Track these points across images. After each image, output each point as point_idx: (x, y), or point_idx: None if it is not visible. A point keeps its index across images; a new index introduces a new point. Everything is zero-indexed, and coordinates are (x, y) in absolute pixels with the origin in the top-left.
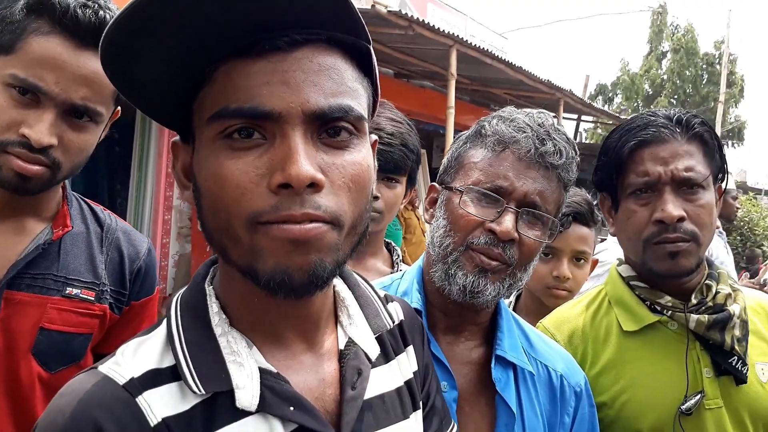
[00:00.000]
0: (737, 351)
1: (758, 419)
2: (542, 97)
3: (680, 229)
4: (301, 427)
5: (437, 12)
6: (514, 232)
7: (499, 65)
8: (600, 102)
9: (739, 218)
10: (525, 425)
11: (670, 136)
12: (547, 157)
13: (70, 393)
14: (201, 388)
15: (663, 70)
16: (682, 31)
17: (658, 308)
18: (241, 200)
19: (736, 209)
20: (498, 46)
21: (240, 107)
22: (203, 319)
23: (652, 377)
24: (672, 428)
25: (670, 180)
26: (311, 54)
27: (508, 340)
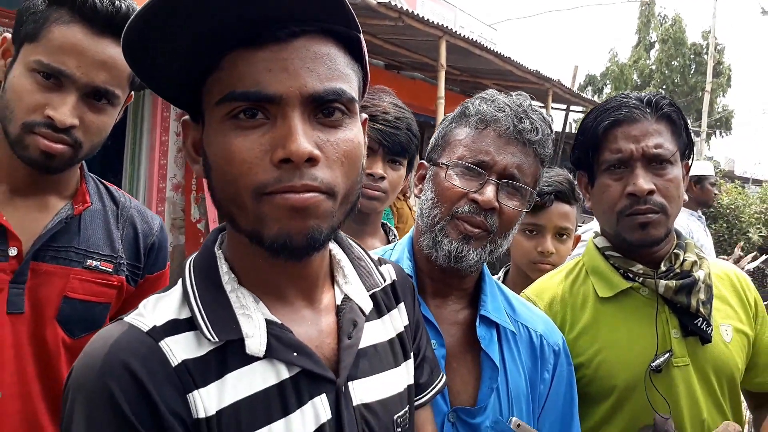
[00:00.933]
0: (702, 313)
1: (722, 375)
2: (531, 87)
3: (650, 202)
4: (303, 370)
5: (427, 3)
6: (494, 202)
7: (488, 56)
8: (589, 92)
9: (725, 206)
10: (508, 379)
11: (640, 115)
12: (524, 134)
13: (101, 340)
14: (215, 336)
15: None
16: (669, 22)
17: (631, 275)
18: (248, 173)
19: (715, 195)
20: (487, 37)
21: (246, 91)
22: (214, 278)
23: (625, 338)
24: (644, 384)
25: (641, 156)
26: (307, 43)
27: (492, 302)
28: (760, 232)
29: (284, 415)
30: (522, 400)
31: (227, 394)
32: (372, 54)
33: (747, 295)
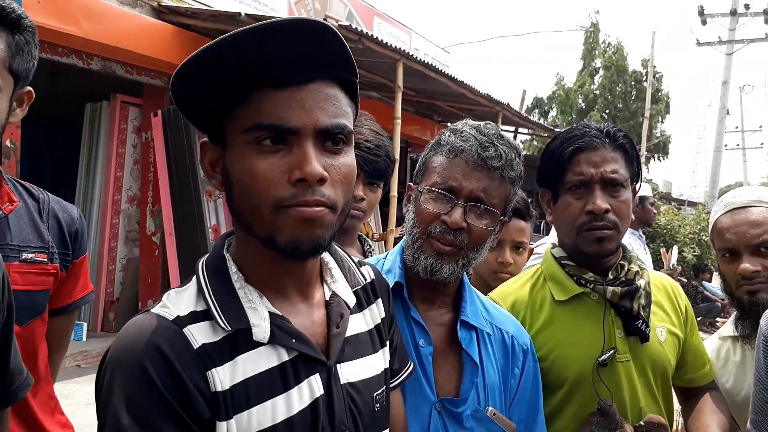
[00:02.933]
0: (642, 315)
1: (657, 370)
2: (482, 109)
3: (606, 219)
4: (300, 354)
5: (383, 25)
6: (461, 222)
7: (442, 79)
8: (536, 115)
9: (662, 226)
10: (484, 374)
11: (600, 144)
12: (488, 161)
13: (135, 327)
14: (227, 325)
15: (595, 85)
16: (612, 50)
17: (583, 282)
18: (269, 190)
19: (654, 214)
20: (441, 59)
21: (271, 123)
22: (224, 276)
23: (577, 337)
24: (591, 376)
25: (599, 179)
26: (320, 87)
27: (470, 307)
28: (693, 252)
29: (285, 390)
30: (496, 392)
31: (238, 372)
32: None
33: (679, 302)
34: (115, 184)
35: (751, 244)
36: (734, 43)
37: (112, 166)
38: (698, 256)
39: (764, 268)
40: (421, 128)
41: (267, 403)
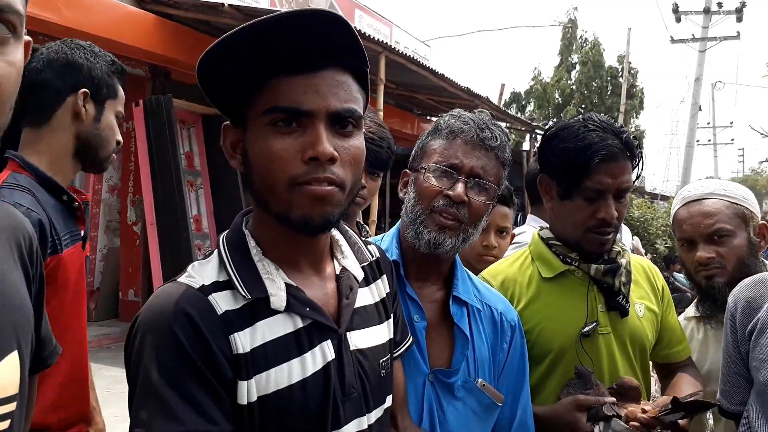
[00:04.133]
0: (623, 291)
1: (635, 343)
2: (462, 103)
3: (612, 224)
4: (314, 322)
5: (365, 18)
6: (464, 196)
7: (424, 72)
8: (514, 109)
9: (635, 218)
10: (474, 348)
11: (619, 155)
12: (486, 141)
13: (164, 294)
14: (248, 294)
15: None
16: (589, 45)
17: (569, 260)
18: (284, 168)
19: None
20: (421, 53)
21: (287, 106)
22: (244, 250)
23: (562, 311)
24: (574, 347)
25: (615, 190)
26: (332, 73)
27: (462, 285)
28: (666, 244)
29: (299, 354)
30: (485, 365)
31: (257, 337)
32: None
33: (656, 282)
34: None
35: (705, 233)
36: (707, 40)
37: None
38: (670, 248)
39: (718, 254)
40: (402, 121)
41: (284, 365)
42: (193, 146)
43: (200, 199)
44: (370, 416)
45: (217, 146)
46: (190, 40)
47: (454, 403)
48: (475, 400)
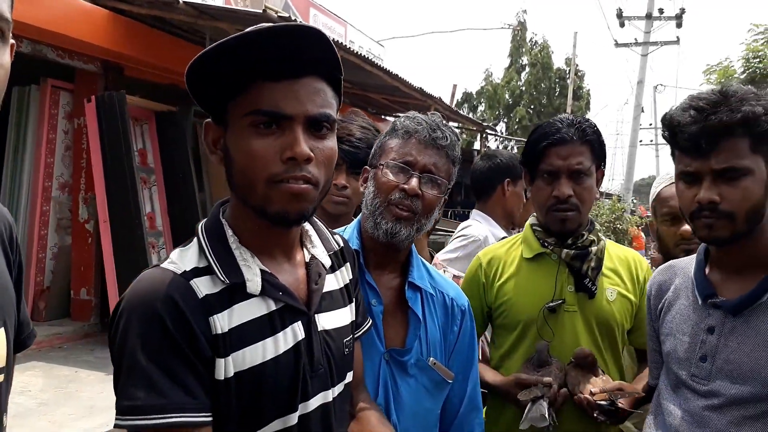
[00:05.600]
0: (590, 275)
1: (601, 323)
2: (415, 103)
3: (569, 203)
4: (286, 305)
5: (319, 17)
6: (418, 189)
7: (378, 72)
8: (466, 109)
9: None
10: (427, 330)
11: (569, 139)
12: (438, 141)
13: (149, 278)
14: (226, 279)
15: (522, 82)
16: (539, 48)
17: (546, 244)
18: (264, 167)
19: None
20: (375, 52)
21: (268, 110)
22: (222, 239)
23: (533, 287)
24: (539, 319)
25: (566, 170)
26: (310, 81)
27: (417, 272)
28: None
29: (272, 334)
30: (437, 345)
31: (234, 318)
32: None
33: (638, 273)
34: (45, 170)
35: None
36: (649, 45)
37: (42, 153)
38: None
39: None
40: None
41: (258, 344)
42: (147, 143)
43: (154, 197)
44: (333, 390)
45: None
46: (144, 36)
47: (407, 379)
48: (427, 377)
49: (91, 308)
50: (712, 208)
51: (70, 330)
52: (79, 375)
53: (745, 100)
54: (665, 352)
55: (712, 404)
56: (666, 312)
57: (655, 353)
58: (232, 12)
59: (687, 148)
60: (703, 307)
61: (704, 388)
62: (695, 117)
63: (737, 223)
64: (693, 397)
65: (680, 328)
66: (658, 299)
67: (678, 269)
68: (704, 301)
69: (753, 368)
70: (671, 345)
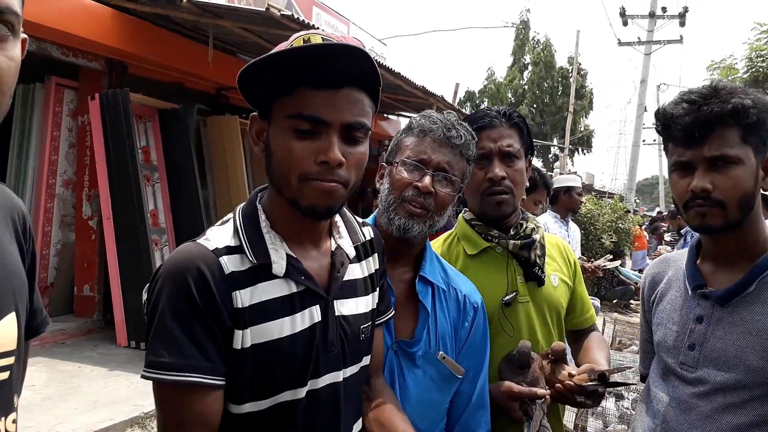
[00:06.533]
0: (538, 263)
1: (552, 309)
2: (418, 101)
3: (503, 185)
4: (306, 288)
5: (322, 15)
6: (430, 187)
7: (380, 71)
8: (468, 108)
9: (583, 215)
10: (437, 323)
11: (498, 123)
12: (452, 140)
13: (185, 250)
14: (254, 259)
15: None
16: (541, 46)
17: (489, 238)
18: (299, 165)
19: (580, 203)
20: (378, 51)
21: (310, 115)
22: (256, 223)
23: (485, 283)
24: (497, 315)
25: (497, 152)
26: (350, 91)
27: (429, 266)
28: (611, 238)
29: (291, 313)
30: (447, 340)
31: (257, 295)
32: None
33: (569, 257)
34: (49, 167)
35: None
36: (652, 43)
37: (46, 150)
38: (615, 242)
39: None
40: None
41: (277, 321)
42: (150, 140)
43: (157, 194)
44: (345, 371)
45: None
46: (148, 35)
47: (415, 370)
48: (435, 369)
49: (94, 304)
50: (705, 196)
51: (74, 326)
52: (82, 370)
53: (735, 93)
54: (656, 341)
55: (698, 391)
56: (658, 303)
57: (647, 343)
58: (235, 10)
59: (680, 139)
60: (693, 297)
61: (691, 375)
62: (688, 109)
63: (729, 212)
64: (681, 384)
65: (671, 317)
66: (651, 291)
67: (671, 262)
68: (693, 292)
69: (737, 356)
70: (661, 334)
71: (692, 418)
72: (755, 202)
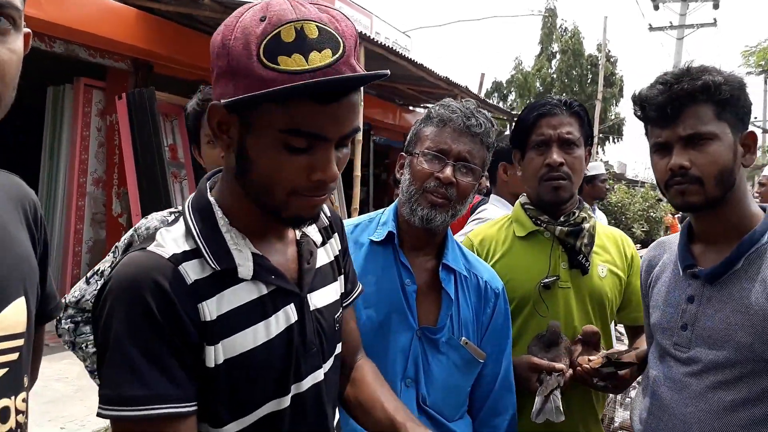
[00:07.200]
0: (583, 251)
1: (594, 299)
2: (441, 92)
3: (561, 171)
4: (278, 288)
5: (345, 9)
6: (452, 178)
7: (403, 63)
8: (496, 98)
9: (614, 204)
10: (459, 310)
11: (558, 111)
12: (472, 128)
13: (134, 263)
14: (216, 265)
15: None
16: (569, 34)
17: (539, 222)
18: (289, 182)
19: (606, 190)
20: (401, 43)
21: (309, 131)
22: (211, 220)
23: (528, 265)
24: (534, 297)
25: (557, 139)
26: (351, 97)
27: (451, 254)
28: (642, 228)
29: (263, 319)
30: (469, 326)
31: (224, 304)
32: None
33: (626, 250)
34: (80, 167)
35: None
36: (684, 28)
37: (76, 149)
38: (646, 231)
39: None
40: (383, 111)
41: (249, 329)
42: (177, 138)
43: (185, 191)
44: (325, 366)
45: None
46: (172, 34)
47: (439, 356)
48: (458, 355)
49: None
50: (683, 173)
51: None
52: None
53: (707, 71)
54: (652, 323)
55: (691, 370)
56: (653, 285)
57: (648, 327)
58: None
59: (656, 120)
60: (684, 278)
61: (684, 355)
62: (661, 89)
63: (707, 188)
64: (675, 364)
65: (665, 299)
66: (647, 274)
67: (667, 245)
68: (684, 272)
69: (727, 333)
70: (657, 316)
71: (685, 396)
72: (735, 178)
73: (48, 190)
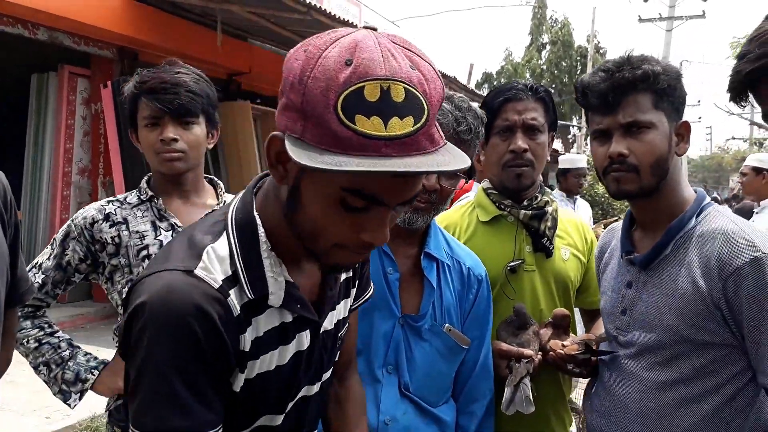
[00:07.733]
0: (547, 235)
1: (558, 281)
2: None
3: (524, 158)
4: (300, 316)
5: None
6: (436, 185)
7: None
8: (486, 89)
9: (601, 194)
10: (442, 297)
11: (524, 96)
12: (461, 135)
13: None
14: (252, 295)
15: (543, 60)
16: (559, 25)
17: (502, 206)
18: (337, 236)
19: (579, 185)
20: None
21: (373, 196)
22: (253, 241)
23: (493, 249)
24: (501, 280)
25: (521, 125)
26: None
27: (434, 242)
28: None
29: (283, 344)
30: (452, 312)
31: (255, 331)
32: (281, 44)
33: (587, 235)
34: (65, 156)
35: None
36: (673, 19)
37: (61, 138)
38: None
39: None
40: None
41: (267, 354)
42: None
43: None
44: (321, 381)
45: None
46: (157, 22)
47: (422, 343)
48: (441, 341)
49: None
50: (621, 161)
51: (92, 311)
52: (101, 353)
53: (646, 60)
54: (600, 308)
55: (629, 353)
56: (603, 272)
57: None
58: None
59: (597, 107)
60: (624, 264)
61: (624, 339)
62: (603, 77)
63: (642, 177)
64: (617, 348)
65: (610, 285)
66: (599, 261)
67: (617, 231)
68: (623, 258)
69: (657, 317)
70: (603, 302)
71: (623, 376)
72: (669, 167)
73: (33, 179)
